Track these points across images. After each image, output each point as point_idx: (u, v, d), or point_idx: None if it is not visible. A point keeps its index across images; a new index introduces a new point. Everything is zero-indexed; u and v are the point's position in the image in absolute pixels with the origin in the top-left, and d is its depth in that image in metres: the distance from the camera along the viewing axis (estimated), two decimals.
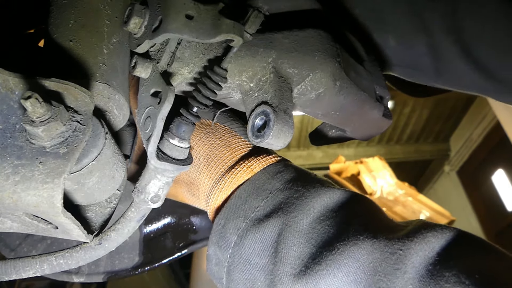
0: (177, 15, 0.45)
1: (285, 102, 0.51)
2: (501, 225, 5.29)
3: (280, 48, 0.53)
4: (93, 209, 0.51)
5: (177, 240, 0.82)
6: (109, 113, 0.50)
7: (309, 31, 0.55)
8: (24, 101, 0.34)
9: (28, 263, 0.47)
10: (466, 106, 5.94)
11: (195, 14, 0.46)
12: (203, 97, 0.49)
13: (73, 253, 0.48)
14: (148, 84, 0.50)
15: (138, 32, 0.49)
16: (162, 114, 0.45)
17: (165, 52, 0.51)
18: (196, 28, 0.45)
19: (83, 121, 0.40)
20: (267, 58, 0.53)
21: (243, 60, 0.53)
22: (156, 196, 0.49)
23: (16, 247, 0.77)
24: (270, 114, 0.49)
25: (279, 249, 0.45)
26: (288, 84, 0.53)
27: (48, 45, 0.49)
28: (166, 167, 0.47)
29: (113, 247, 0.50)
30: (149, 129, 0.46)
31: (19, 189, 0.37)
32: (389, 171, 3.89)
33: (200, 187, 0.57)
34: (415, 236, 0.41)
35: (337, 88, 0.55)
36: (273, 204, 0.49)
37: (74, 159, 0.38)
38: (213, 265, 0.52)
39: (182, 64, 0.52)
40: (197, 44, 0.52)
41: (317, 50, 0.54)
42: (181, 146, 0.48)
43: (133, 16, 0.48)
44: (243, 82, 0.53)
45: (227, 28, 0.46)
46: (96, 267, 0.79)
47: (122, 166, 0.50)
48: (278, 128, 0.49)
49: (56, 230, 0.44)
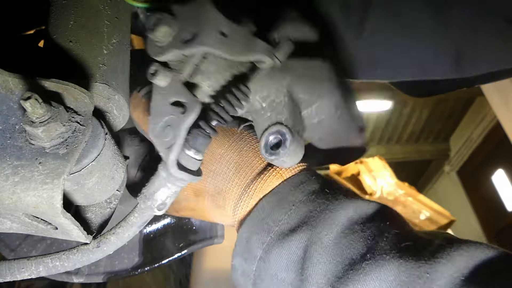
0: (212, 31, 0.49)
1: (298, 124, 0.54)
2: (501, 225, 5.29)
3: (294, 74, 0.56)
4: (92, 209, 0.51)
5: (177, 240, 0.82)
6: (108, 113, 0.50)
7: (318, 61, 0.59)
8: (23, 102, 0.34)
9: (24, 265, 0.47)
10: (466, 106, 5.94)
11: (229, 32, 0.50)
12: (224, 112, 0.50)
13: (70, 255, 0.48)
14: (167, 93, 0.50)
15: (164, 41, 0.50)
16: (187, 124, 0.46)
17: (188, 64, 0.52)
18: (230, 46, 0.49)
19: (83, 121, 0.40)
20: (282, 81, 0.55)
21: (260, 81, 0.55)
22: (162, 204, 0.49)
23: (16, 248, 0.77)
24: (287, 135, 0.51)
25: (305, 266, 0.45)
26: (299, 108, 0.56)
27: (48, 45, 0.49)
28: (183, 176, 0.48)
29: (111, 250, 0.50)
30: (170, 138, 0.47)
31: (19, 189, 0.37)
32: (389, 171, 3.89)
33: (227, 196, 0.55)
34: (442, 257, 0.40)
35: (337, 116, 0.59)
36: (297, 217, 0.48)
37: (74, 160, 0.38)
38: (239, 275, 0.52)
39: (204, 77, 0.54)
40: (222, 60, 0.54)
41: (326, 80, 0.58)
42: (196, 158, 0.49)
43: (161, 25, 0.49)
44: (255, 102, 0.55)
45: (262, 49, 0.50)
46: (96, 267, 0.79)
47: (122, 167, 0.50)
48: (293, 148, 0.50)
49: (55, 231, 0.44)
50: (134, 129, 0.66)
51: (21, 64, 0.58)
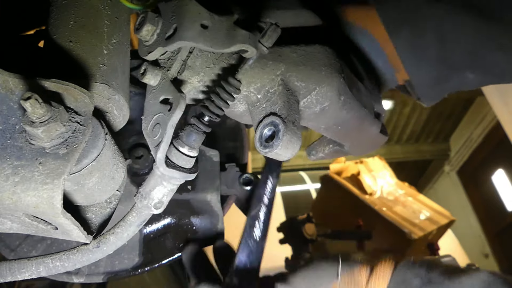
0: (192, 24, 0.46)
1: (293, 113, 0.52)
2: (501, 225, 5.28)
3: (289, 62, 0.54)
4: (93, 209, 0.51)
5: (177, 241, 0.82)
6: (109, 113, 0.50)
7: (315, 46, 0.56)
8: (24, 102, 0.34)
9: (24, 265, 0.47)
10: (466, 106, 5.94)
11: (210, 24, 0.47)
12: (215, 107, 0.49)
13: (70, 255, 0.48)
14: (157, 91, 0.50)
15: (149, 40, 0.50)
16: (173, 121, 0.45)
17: (176, 60, 0.51)
18: (211, 38, 0.47)
19: (83, 122, 0.40)
20: (276, 71, 0.54)
21: (252, 71, 0.53)
22: (159, 202, 0.49)
23: (16, 248, 0.77)
24: (280, 125, 0.49)
25: None
26: (295, 97, 0.54)
27: (48, 45, 0.49)
28: (174, 174, 0.47)
29: (111, 250, 0.50)
30: (158, 135, 0.47)
31: (19, 189, 0.37)
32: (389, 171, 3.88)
33: None
34: None
35: (341, 103, 0.56)
36: None
37: (74, 160, 0.38)
38: None
39: (192, 72, 0.53)
40: (208, 53, 0.53)
41: (324, 65, 0.55)
42: (190, 155, 0.48)
43: (146, 23, 0.49)
44: (251, 94, 0.54)
45: (243, 39, 0.48)
46: (96, 267, 0.79)
47: (122, 167, 0.50)
48: (287, 139, 0.49)
49: (56, 231, 0.44)
50: None
51: (21, 64, 0.58)
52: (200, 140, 0.49)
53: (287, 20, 0.58)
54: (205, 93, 0.54)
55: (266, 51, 0.49)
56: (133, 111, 0.60)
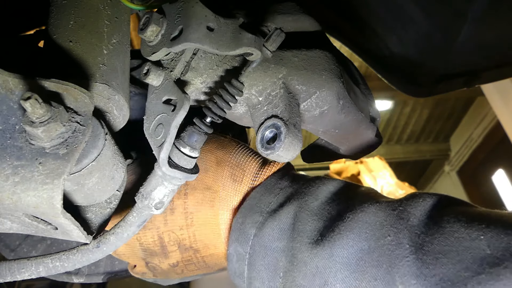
0: (198, 26, 0.47)
1: (295, 116, 0.53)
2: None
3: (290, 66, 0.55)
4: (92, 209, 0.51)
5: None
6: (109, 113, 0.50)
7: (316, 51, 0.58)
8: (23, 102, 0.34)
9: (24, 265, 0.47)
10: (466, 106, 5.94)
11: (216, 26, 0.48)
12: (218, 108, 0.50)
13: (70, 256, 0.48)
14: (160, 92, 0.50)
15: (154, 40, 0.50)
16: (176, 122, 0.46)
17: (180, 61, 0.52)
18: (216, 40, 0.48)
19: (83, 122, 0.40)
20: (277, 74, 0.54)
21: (254, 74, 0.54)
22: (160, 202, 0.49)
23: (16, 248, 0.77)
24: (282, 127, 0.50)
25: (296, 227, 0.51)
26: (296, 100, 0.55)
27: (48, 45, 0.49)
28: (176, 174, 0.47)
29: (111, 250, 0.50)
30: (161, 136, 0.47)
31: (19, 190, 0.37)
32: (389, 171, 3.89)
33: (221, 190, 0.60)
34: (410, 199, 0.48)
35: (340, 107, 0.57)
36: (284, 196, 0.56)
37: (74, 160, 0.38)
38: (234, 263, 0.56)
39: (196, 74, 0.53)
40: (212, 55, 0.53)
41: (324, 70, 0.56)
42: (191, 156, 0.49)
43: (151, 24, 0.49)
44: (252, 96, 0.55)
45: (248, 42, 0.49)
46: (96, 267, 0.79)
47: (122, 167, 0.50)
48: (289, 141, 0.50)
49: (55, 231, 0.44)
50: None
51: (21, 64, 0.58)
52: (201, 141, 0.49)
53: (288, 25, 0.60)
54: (207, 95, 0.55)
55: (270, 55, 0.50)
56: (133, 111, 0.60)
